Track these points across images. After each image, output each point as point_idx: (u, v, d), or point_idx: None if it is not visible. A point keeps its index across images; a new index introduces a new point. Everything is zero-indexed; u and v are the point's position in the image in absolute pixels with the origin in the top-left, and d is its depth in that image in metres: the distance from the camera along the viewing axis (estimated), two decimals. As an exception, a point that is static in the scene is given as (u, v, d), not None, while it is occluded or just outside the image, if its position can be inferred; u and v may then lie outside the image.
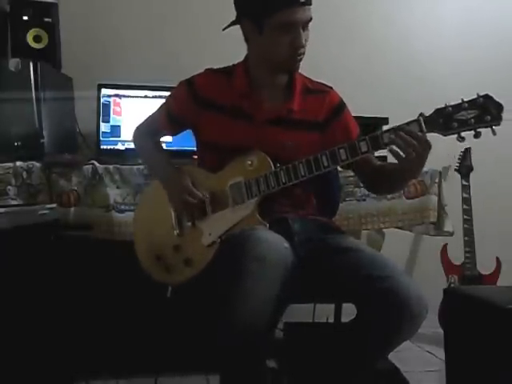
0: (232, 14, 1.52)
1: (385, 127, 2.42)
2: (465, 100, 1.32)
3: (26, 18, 2.23)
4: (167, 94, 2.33)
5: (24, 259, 1.55)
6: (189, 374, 2.17)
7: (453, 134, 1.33)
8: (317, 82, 1.63)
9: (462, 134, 1.32)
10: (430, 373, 2.26)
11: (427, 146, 1.34)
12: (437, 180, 2.28)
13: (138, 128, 1.76)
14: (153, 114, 1.72)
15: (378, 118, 2.42)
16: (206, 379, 2.15)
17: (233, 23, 1.53)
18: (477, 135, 1.31)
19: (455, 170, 2.71)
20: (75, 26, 2.54)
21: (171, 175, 1.60)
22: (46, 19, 2.26)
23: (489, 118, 1.30)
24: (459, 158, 2.71)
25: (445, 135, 1.34)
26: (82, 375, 2.02)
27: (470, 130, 1.32)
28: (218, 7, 2.74)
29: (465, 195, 2.68)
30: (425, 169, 2.21)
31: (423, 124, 1.34)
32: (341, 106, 1.62)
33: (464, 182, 2.70)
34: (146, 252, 1.63)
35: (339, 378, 1.41)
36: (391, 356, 1.65)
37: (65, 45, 2.36)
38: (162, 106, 1.70)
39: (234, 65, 1.62)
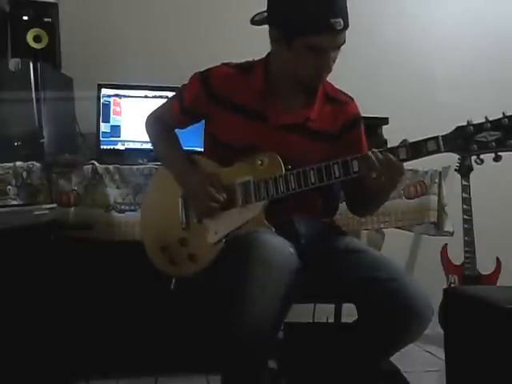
0: (231, 15, 1.51)
1: (385, 127, 2.43)
2: (489, 119, 1.26)
3: (25, 18, 2.23)
4: (167, 93, 2.38)
5: (24, 259, 1.55)
6: (189, 374, 2.17)
7: (471, 156, 1.29)
8: (339, 91, 1.59)
9: (482, 156, 1.27)
10: (429, 373, 2.26)
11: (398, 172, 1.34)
12: (437, 180, 2.28)
13: (149, 118, 1.71)
14: (166, 105, 1.69)
15: (378, 118, 2.42)
16: (206, 379, 2.15)
17: (264, 22, 1.45)
18: (497, 159, 1.25)
19: (455, 170, 2.71)
20: (75, 26, 2.54)
21: (191, 177, 1.56)
22: (46, 19, 2.25)
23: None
24: (459, 158, 2.70)
25: (463, 156, 1.30)
26: (82, 375, 2.02)
27: (490, 153, 1.26)
28: (218, 7, 2.76)
29: (465, 195, 2.68)
30: (425, 169, 2.26)
31: (441, 143, 1.29)
32: (357, 121, 1.58)
33: (464, 182, 2.70)
34: (152, 241, 1.62)
35: (339, 378, 1.41)
36: (391, 356, 1.64)
37: (65, 45, 2.36)
38: (174, 96, 1.66)
39: (252, 61, 1.56)
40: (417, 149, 1.32)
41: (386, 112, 2.44)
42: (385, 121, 2.44)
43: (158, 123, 1.69)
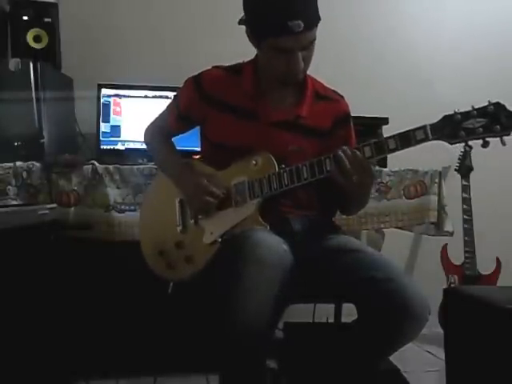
0: (231, 16, 1.52)
1: (385, 127, 2.43)
2: (475, 107, 1.29)
3: (25, 18, 2.23)
4: (167, 93, 2.38)
5: (24, 259, 1.55)
6: (189, 374, 2.17)
7: (459, 142, 1.31)
8: (329, 89, 1.61)
9: (470, 142, 1.30)
10: (429, 373, 2.26)
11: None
12: (437, 180, 2.28)
13: (148, 128, 1.76)
14: (162, 113, 1.73)
15: (378, 118, 2.43)
16: (205, 379, 2.15)
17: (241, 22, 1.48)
18: (485, 144, 1.28)
19: (455, 170, 2.71)
20: (75, 26, 2.54)
21: (187, 177, 1.58)
22: (46, 19, 2.25)
23: (498, 127, 1.26)
24: (459, 158, 2.71)
25: (451, 143, 1.32)
26: (82, 375, 2.02)
27: (478, 139, 1.28)
28: (217, 8, 2.76)
29: (465, 195, 2.68)
30: (425, 169, 2.26)
31: (429, 131, 1.31)
32: (347, 118, 1.61)
33: (464, 182, 2.70)
34: (150, 246, 1.64)
35: (339, 378, 1.41)
36: (391, 356, 1.64)
37: (65, 45, 2.36)
38: (170, 104, 1.70)
39: (242, 63, 1.59)
40: (405, 138, 1.34)
41: (386, 112, 2.44)
42: (385, 121, 2.44)
43: (156, 133, 1.73)
